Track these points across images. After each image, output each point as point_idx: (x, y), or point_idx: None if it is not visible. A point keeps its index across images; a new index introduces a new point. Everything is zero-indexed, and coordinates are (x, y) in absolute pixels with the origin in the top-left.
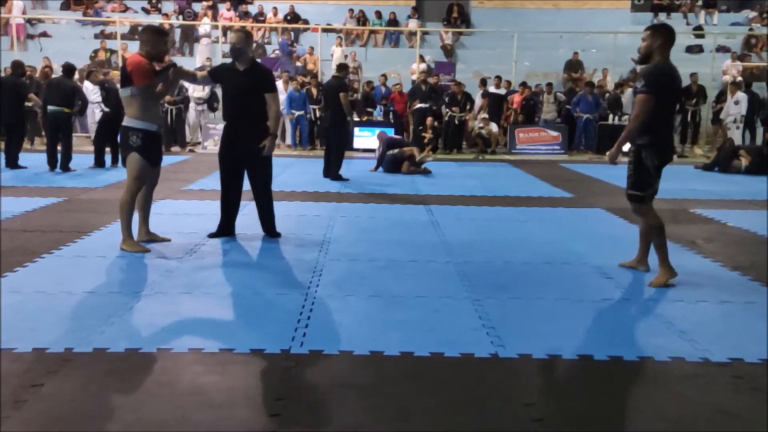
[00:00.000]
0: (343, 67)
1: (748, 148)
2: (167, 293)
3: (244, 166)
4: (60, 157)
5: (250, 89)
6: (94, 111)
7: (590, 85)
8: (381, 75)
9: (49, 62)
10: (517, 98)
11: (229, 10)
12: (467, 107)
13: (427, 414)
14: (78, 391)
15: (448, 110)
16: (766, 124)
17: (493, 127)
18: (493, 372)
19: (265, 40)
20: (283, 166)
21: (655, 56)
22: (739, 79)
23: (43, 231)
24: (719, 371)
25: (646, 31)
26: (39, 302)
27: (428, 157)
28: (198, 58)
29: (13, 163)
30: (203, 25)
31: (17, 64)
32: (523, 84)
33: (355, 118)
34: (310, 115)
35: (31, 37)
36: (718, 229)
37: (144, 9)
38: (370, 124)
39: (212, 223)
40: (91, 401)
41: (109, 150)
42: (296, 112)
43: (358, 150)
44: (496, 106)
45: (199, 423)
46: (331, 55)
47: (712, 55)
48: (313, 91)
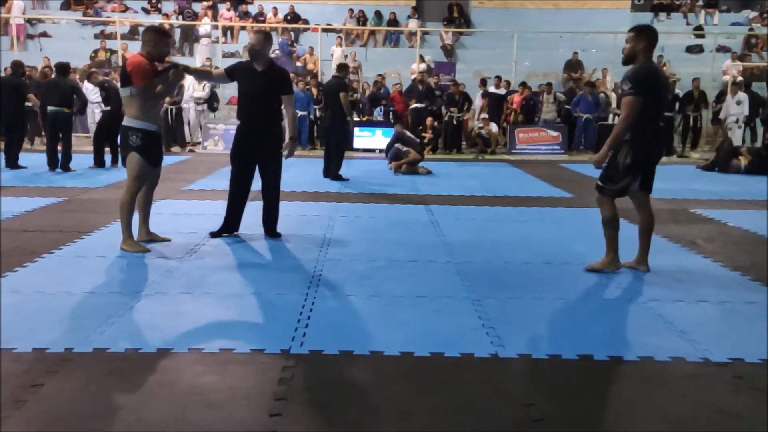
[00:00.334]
0: (343, 67)
1: (747, 149)
2: (167, 293)
3: (256, 165)
4: (60, 157)
5: (268, 90)
6: (94, 111)
7: (590, 85)
8: (378, 75)
9: (49, 62)
10: (517, 98)
11: (229, 10)
12: (465, 107)
13: (427, 414)
14: (78, 391)
15: (446, 110)
16: (766, 124)
17: (493, 127)
18: (493, 372)
19: None
20: (284, 166)
21: (639, 58)
22: (740, 79)
23: (43, 231)
24: (719, 371)
25: (630, 33)
26: (39, 302)
27: (422, 170)
28: (198, 58)
29: (13, 163)
30: (203, 25)
31: (17, 64)
32: (523, 84)
33: (356, 118)
34: (312, 116)
35: (31, 37)
36: (718, 229)
37: (144, 9)
38: (370, 124)
39: (212, 223)
40: (91, 401)
41: (109, 150)
42: (299, 113)
43: (358, 150)
44: (496, 106)
45: (199, 423)
46: (331, 55)
47: (712, 55)
48: (313, 91)
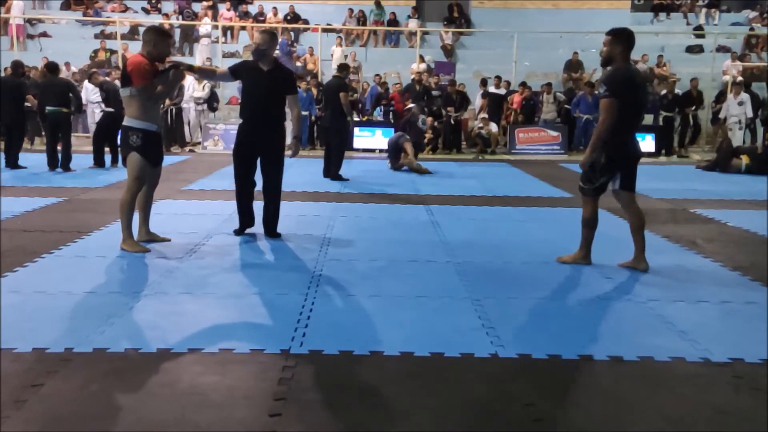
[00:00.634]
0: (343, 67)
1: (747, 149)
2: (167, 293)
3: (257, 161)
4: (60, 157)
5: (274, 90)
6: (94, 111)
7: (590, 85)
8: (376, 75)
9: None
10: (517, 98)
11: (229, 10)
12: (463, 106)
13: (427, 414)
14: (78, 391)
15: (444, 110)
16: (766, 124)
17: (493, 127)
18: (493, 372)
19: None
20: (284, 166)
21: (616, 61)
22: (740, 79)
23: (43, 231)
24: (719, 371)
25: (607, 37)
26: (39, 302)
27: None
28: (198, 57)
29: (13, 163)
30: (203, 25)
31: (17, 64)
32: (523, 84)
33: (356, 118)
34: (312, 116)
35: (31, 37)
36: (718, 229)
37: (144, 9)
38: (370, 124)
39: (212, 223)
40: (91, 401)
41: (109, 150)
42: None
43: (358, 150)
44: (496, 106)
45: (199, 423)
46: (331, 55)
47: (712, 55)
48: (314, 91)
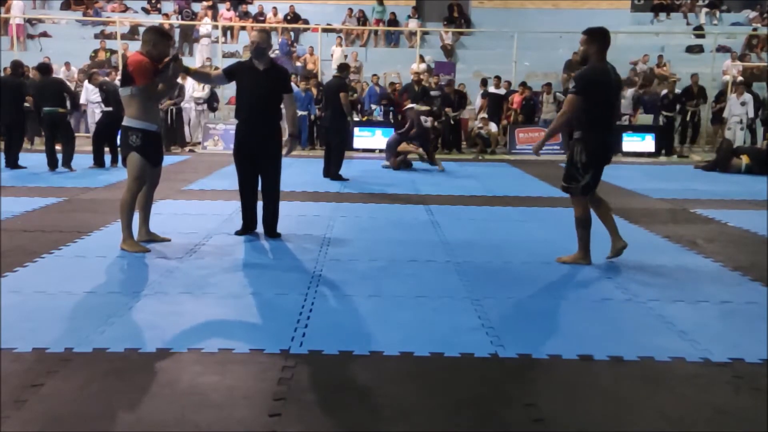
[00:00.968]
0: (344, 67)
1: (747, 149)
2: (167, 293)
3: (258, 163)
4: (61, 156)
5: (270, 89)
6: (94, 111)
7: None
8: (373, 75)
9: (50, 62)
10: (517, 98)
11: (229, 10)
12: (462, 106)
13: (427, 414)
14: (78, 391)
15: (443, 111)
16: (766, 124)
17: (492, 127)
18: (493, 372)
19: None
20: (284, 166)
21: (591, 59)
22: (740, 79)
23: (43, 231)
24: (719, 371)
25: (583, 36)
26: (39, 302)
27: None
28: (198, 57)
29: (13, 163)
30: (203, 25)
31: (17, 64)
32: (523, 84)
33: (356, 118)
34: (313, 116)
35: (31, 37)
36: (718, 229)
37: (144, 9)
38: (370, 124)
39: (212, 223)
40: (91, 401)
41: (109, 150)
42: (300, 113)
43: (358, 150)
44: (496, 106)
45: (199, 423)
46: (331, 55)
47: (712, 55)
48: (314, 91)
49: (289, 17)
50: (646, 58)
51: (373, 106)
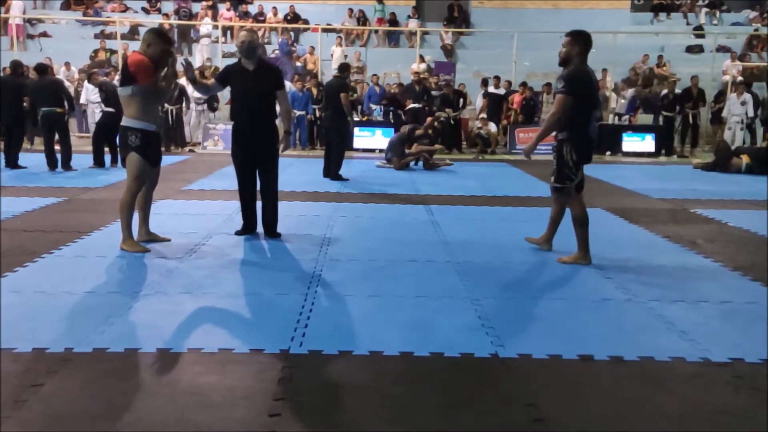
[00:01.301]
0: (344, 68)
1: (748, 149)
2: (167, 293)
3: (255, 162)
4: (60, 157)
5: (263, 88)
6: (94, 111)
7: None
8: (373, 75)
9: (50, 62)
10: (517, 98)
11: (229, 10)
12: (461, 106)
13: (427, 414)
14: (78, 391)
15: (442, 111)
16: (766, 124)
17: (492, 128)
18: (493, 372)
19: (265, 40)
20: (283, 166)
21: (573, 61)
22: (740, 79)
23: (43, 231)
24: (719, 371)
25: (566, 38)
26: (39, 302)
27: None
28: (198, 57)
29: (13, 163)
30: (203, 25)
31: (16, 64)
32: (523, 84)
33: (356, 118)
34: (310, 116)
35: (31, 37)
36: (718, 229)
37: (144, 9)
38: (370, 124)
39: (212, 223)
40: (91, 401)
41: (109, 150)
42: (297, 112)
43: (358, 150)
44: (496, 106)
45: (199, 423)
46: (331, 55)
47: (712, 55)
48: (314, 91)
49: (289, 17)
50: (646, 58)
51: (373, 106)
